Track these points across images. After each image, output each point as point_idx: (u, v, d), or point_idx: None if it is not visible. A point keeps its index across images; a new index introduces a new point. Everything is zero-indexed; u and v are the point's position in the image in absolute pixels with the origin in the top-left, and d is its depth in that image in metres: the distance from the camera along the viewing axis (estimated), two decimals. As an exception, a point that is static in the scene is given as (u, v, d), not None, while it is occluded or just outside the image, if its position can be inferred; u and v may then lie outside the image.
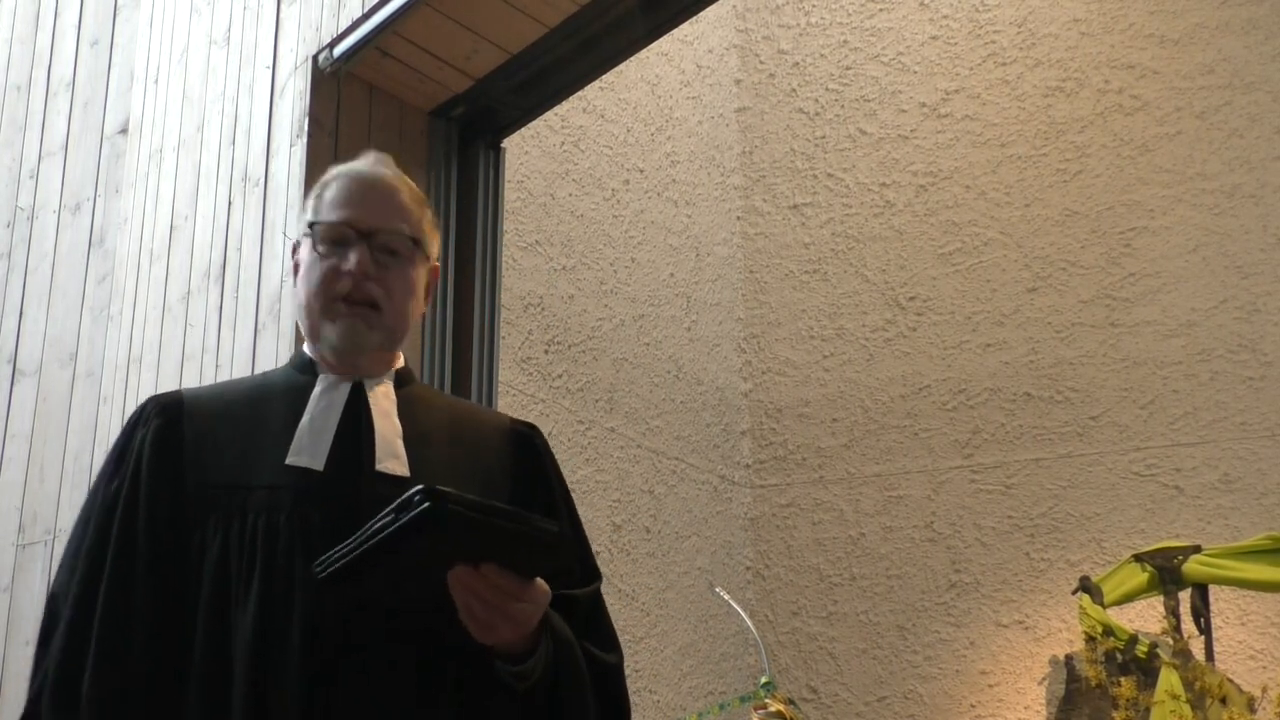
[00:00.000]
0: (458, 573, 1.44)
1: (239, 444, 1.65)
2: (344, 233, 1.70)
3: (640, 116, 5.46)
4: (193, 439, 1.65)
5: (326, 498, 1.60)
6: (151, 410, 1.69)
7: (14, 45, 4.59)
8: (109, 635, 1.55)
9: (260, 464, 1.63)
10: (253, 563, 1.56)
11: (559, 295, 4.91)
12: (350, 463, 1.64)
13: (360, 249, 1.69)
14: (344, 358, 1.71)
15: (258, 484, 1.61)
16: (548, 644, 1.57)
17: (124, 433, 1.69)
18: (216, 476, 1.62)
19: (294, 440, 1.64)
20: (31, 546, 3.81)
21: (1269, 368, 4.91)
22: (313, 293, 1.70)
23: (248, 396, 1.74)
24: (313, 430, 1.65)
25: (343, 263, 1.68)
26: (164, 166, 3.85)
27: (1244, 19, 5.25)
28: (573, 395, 4.87)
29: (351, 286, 1.68)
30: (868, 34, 5.80)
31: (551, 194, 4.98)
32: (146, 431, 1.66)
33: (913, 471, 5.33)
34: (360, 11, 3.35)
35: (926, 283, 5.48)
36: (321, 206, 1.74)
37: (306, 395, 1.69)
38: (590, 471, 4.84)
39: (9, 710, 3.64)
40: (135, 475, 1.63)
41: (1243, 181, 5.12)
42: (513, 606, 1.47)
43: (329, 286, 1.69)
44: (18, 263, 4.27)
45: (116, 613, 1.56)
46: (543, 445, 1.84)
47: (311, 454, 1.63)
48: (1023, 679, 4.96)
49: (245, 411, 1.69)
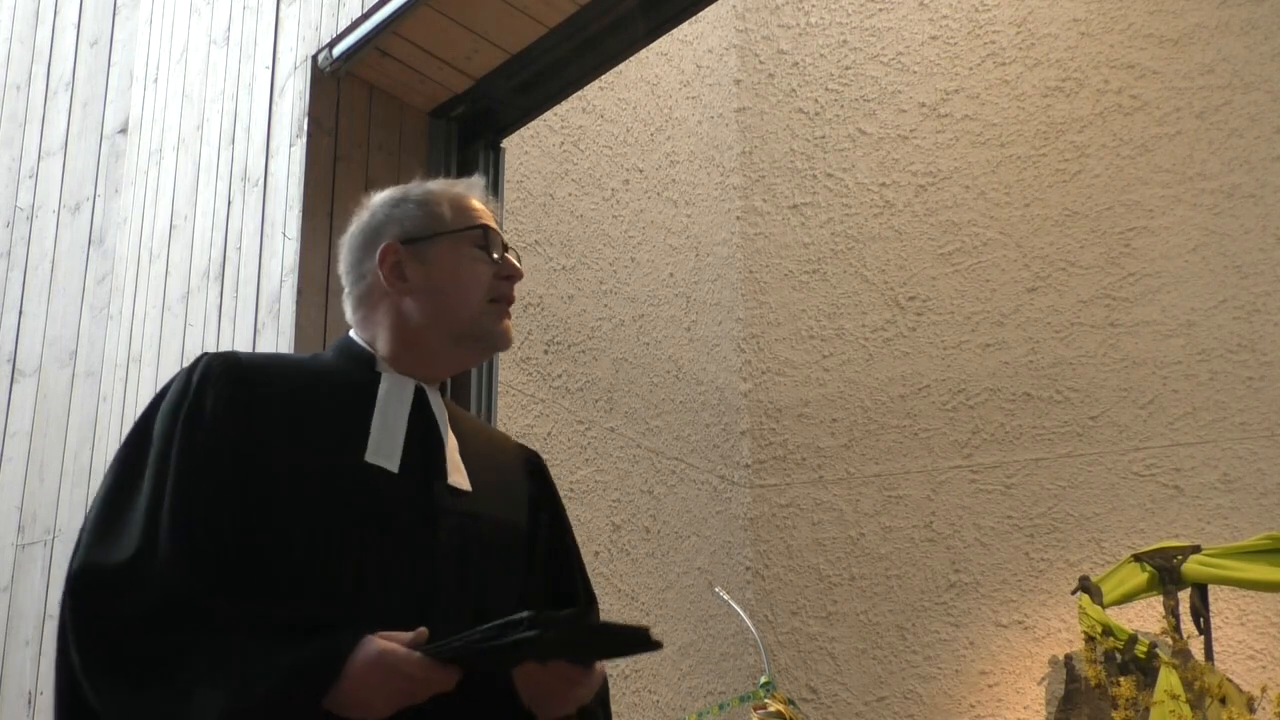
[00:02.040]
0: (529, 669, 1.57)
1: (308, 429, 1.66)
2: (499, 242, 1.81)
3: (640, 116, 5.46)
4: (259, 411, 1.64)
5: (403, 503, 1.64)
6: (219, 368, 1.67)
7: (13, 44, 4.59)
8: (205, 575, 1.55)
9: (337, 455, 1.64)
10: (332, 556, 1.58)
11: (558, 295, 4.91)
12: (418, 468, 1.68)
13: (510, 256, 1.80)
14: (487, 356, 1.89)
15: (339, 476, 1.62)
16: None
17: (190, 388, 1.65)
18: (292, 461, 1.62)
19: (371, 439, 1.66)
20: (31, 546, 3.81)
21: (1268, 367, 4.92)
22: (479, 294, 1.77)
23: (307, 378, 1.74)
24: (388, 431, 1.68)
25: (503, 269, 1.78)
26: (164, 166, 3.85)
27: (1244, 19, 5.25)
28: (572, 395, 4.87)
29: (511, 290, 1.80)
30: (867, 34, 5.80)
31: (551, 194, 4.98)
32: (217, 388, 1.64)
33: (912, 471, 5.33)
34: (360, 11, 3.35)
35: (926, 283, 5.48)
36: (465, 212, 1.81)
37: (368, 390, 1.71)
38: (590, 471, 4.84)
39: (9, 710, 3.64)
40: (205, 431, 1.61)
41: (1242, 181, 5.12)
42: (573, 693, 1.61)
43: (496, 287, 1.78)
44: (17, 261, 4.27)
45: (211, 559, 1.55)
46: (547, 471, 1.92)
47: (389, 455, 1.66)
48: (1022, 679, 4.96)
49: (307, 394, 1.70)
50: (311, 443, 1.64)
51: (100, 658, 1.51)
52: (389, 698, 1.49)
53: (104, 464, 3.69)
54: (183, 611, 1.50)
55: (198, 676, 1.48)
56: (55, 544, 3.73)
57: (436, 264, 1.77)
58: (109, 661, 1.51)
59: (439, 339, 1.76)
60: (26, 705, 3.59)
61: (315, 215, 3.33)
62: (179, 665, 1.49)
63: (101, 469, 3.69)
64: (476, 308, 1.76)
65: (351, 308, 1.84)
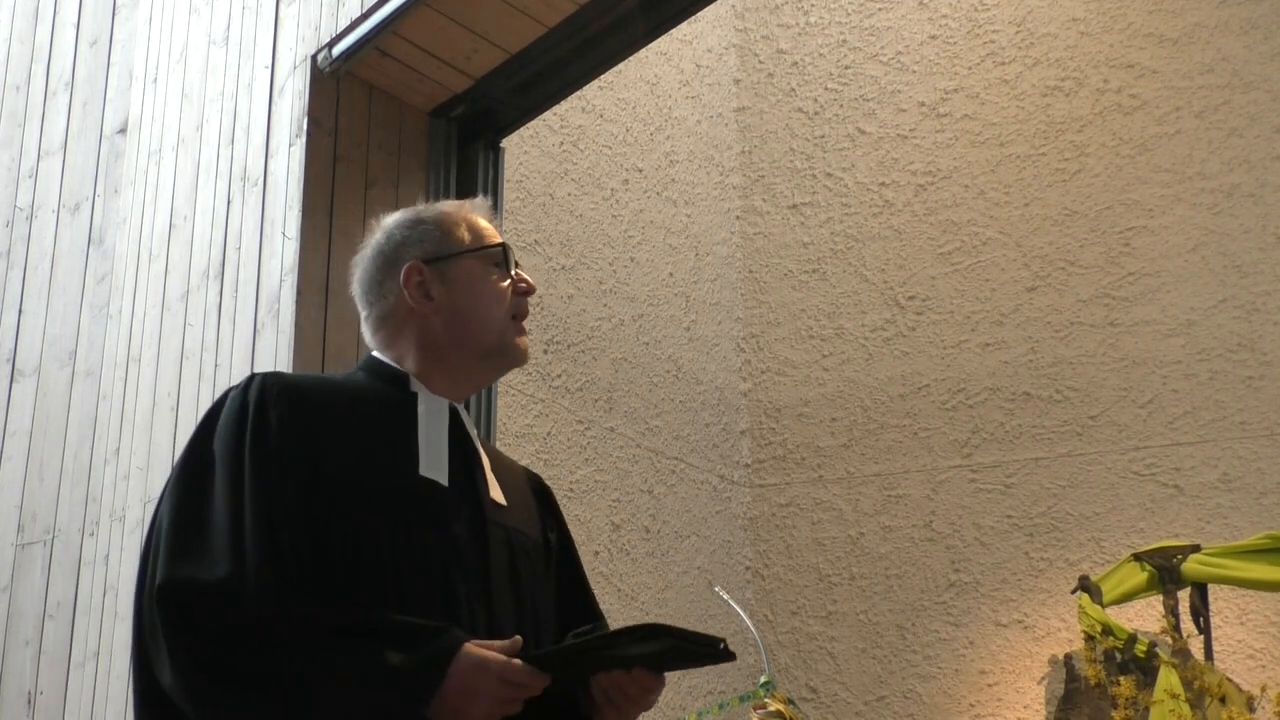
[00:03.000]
0: (614, 675, 1.63)
1: (360, 446, 1.71)
2: (513, 260, 1.87)
3: (639, 116, 5.46)
4: (318, 427, 1.70)
5: (456, 513, 1.70)
6: (275, 388, 1.71)
7: (13, 44, 4.59)
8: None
9: (391, 471, 1.69)
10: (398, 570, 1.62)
11: (558, 295, 4.91)
12: (465, 483, 1.74)
13: (525, 275, 1.88)
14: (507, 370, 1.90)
15: (399, 491, 1.67)
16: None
17: (246, 407, 1.69)
18: (351, 477, 1.67)
19: (422, 453, 1.71)
20: (31, 546, 3.81)
21: (1268, 367, 4.91)
22: (501, 312, 1.83)
23: (349, 397, 1.79)
24: (435, 447, 1.73)
25: (519, 286, 1.85)
26: (163, 165, 3.85)
27: (1243, 19, 5.25)
28: (572, 395, 4.87)
29: (527, 307, 1.87)
30: (866, 33, 5.79)
31: (550, 194, 4.98)
32: (277, 410, 1.68)
33: (912, 471, 5.33)
34: (359, 11, 3.35)
35: (925, 282, 5.48)
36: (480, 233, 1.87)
37: (406, 408, 1.76)
38: (589, 471, 4.84)
39: (9, 710, 3.63)
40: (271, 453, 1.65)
41: (1242, 181, 5.12)
42: (646, 698, 1.68)
43: (515, 307, 1.85)
44: (17, 261, 4.27)
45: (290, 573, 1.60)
46: (553, 495, 1.99)
47: (437, 468, 1.71)
48: (1022, 678, 4.96)
49: (354, 412, 1.75)
50: (369, 458, 1.69)
51: (204, 669, 1.54)
52: (490, 704, 1.54)
53: (103, 463, 3.68)
54: (284, 622, 1.54)
55: (306, 682, 1.52)
56: (55, 543, 3.73)
57: (459, 283, 1.82)
58: (215, 673, 1.54)
59: (464, 356, 1.82)
60: (26, 705, 3.59)
61: (315, 215, 3.33)
62: (287, 673, 1.52)
63: (101, 468, 3.69)
64: (500, 324, 1.82)
65: (372, 328, 1.87)
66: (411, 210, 1.90)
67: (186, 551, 1.59)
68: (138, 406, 3.62)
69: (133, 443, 3.57)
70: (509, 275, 1.85)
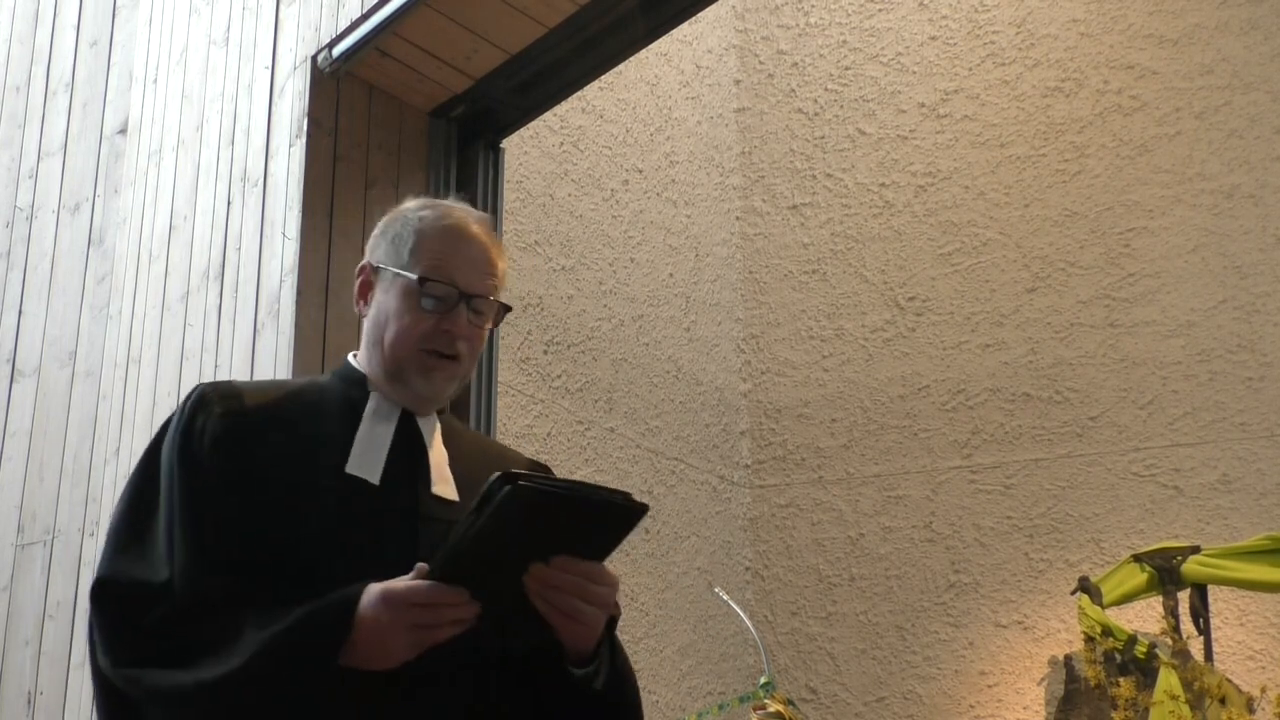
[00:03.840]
0: (534, 573, 1.51)
1: (297, 446, 1.71)
2: (450, 294, 1.76)
3: (639, 117, 5.46)
4: (252, 433, 1.70)
5: (385, 510, 1.67)
6: (212, 398, 1.73)
7: (13, 44, 4.59)
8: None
9: (320, 469, 1.69)
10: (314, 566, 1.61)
11: (558, 295, 4.91)
12: (403, 480, 1.71)
13: (461, 311, 1.76)
14: (423, 406, 1.78)
15: (320, 487, 1.67)
16: (608, 646, 1.67)
17: (183, 417, 1.72)
18: (278, 475, 1.67)
19: (353, 451, 1.70)
20: (31, 546, 3.81)
21: (1268, 368, 4.91)
22: (408, 341, 1.75)
23: (302, 400, 1.79)
24: (371, 444, 1.72)
25: (443, 322, 1.75)
26: (163, 166, 3.85)
27: (1243, 19, 5.25)
28: (572, 395, 4.87)
29: (448, 345, 1.76)
30: (867, 34, 5.80)
31: (550, 194, 4.98)
32: (207, 420, 1.70)
33: (912, 472, 5.33)
34: (359, 11, 3.35)
35: (926, 283, 5.48)
36: (421, 254, 1.78)
37: (358, 408, 1.76)
38: (589, 472, 4.84)
39: (9, 710, 3.64)
40: (202, 461, 1.68)
41: (1242, 182, 5.12)
42: (591, 590, 1.54)
43: (427, 340, 1.75)
44: (17, 261, 4.27)
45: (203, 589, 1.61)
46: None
47: (370, 467, 1.69)
48: (1022, 679, 4.96)
49: (298, 414, 1.75)
50: (297, 458, 1.69)
51: (132, 654, 1.58)
52: (405, 633, 1.49)
53: (103, 463, 3.69)
54: (206, 608, 1.58)
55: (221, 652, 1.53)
56: (55, 543, 3.73)
57: (386, 295, 1.79)
58: (140, 656, 1.58)
59: (377, 369, 1.79)
60: (26, 705, 3.59)
61: (315, 215, 3.33)
62: (205, 644, 1.54)
63: (101, 468, 3.69)
64: (406, 351, 1.76)
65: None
66: (412, 203, 1.87)
67: (124, 551, 1.65)
68: (138, 407, 3.62)
69: (133, 443, 3.57)
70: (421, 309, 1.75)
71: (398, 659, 1.51)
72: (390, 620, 1.49)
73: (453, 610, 1.50)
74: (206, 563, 1.61)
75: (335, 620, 1.51)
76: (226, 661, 1.51)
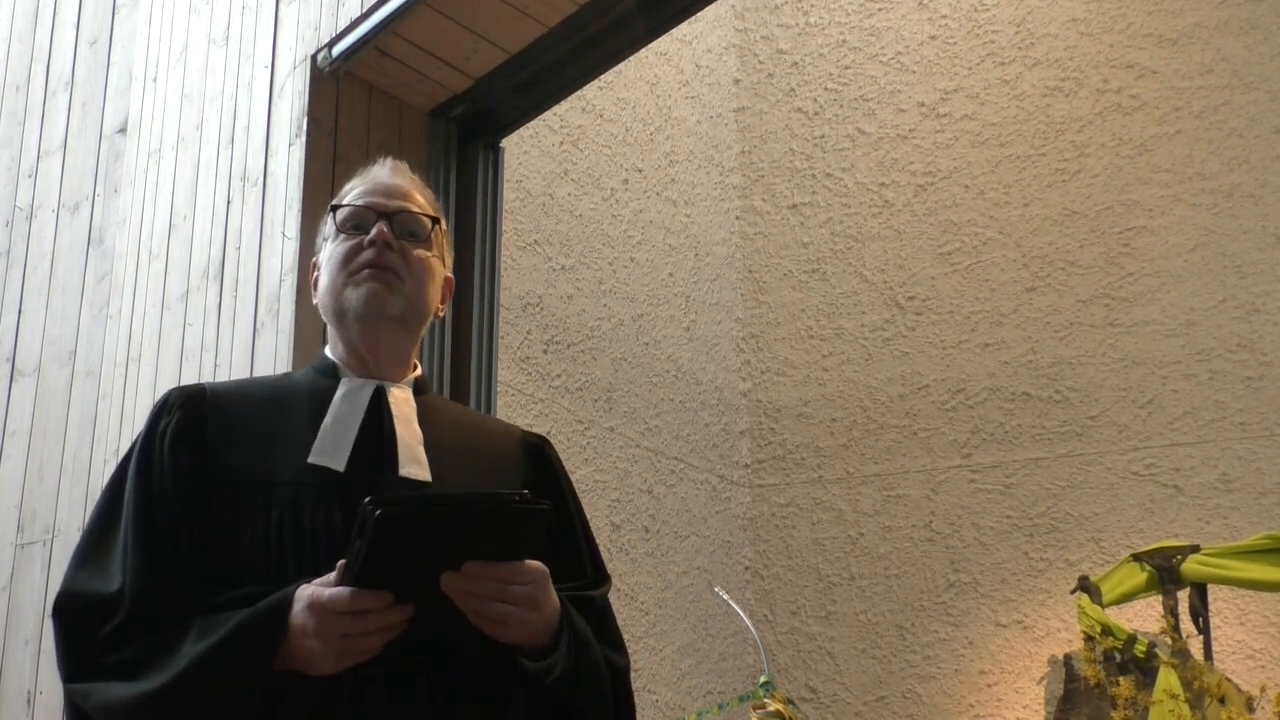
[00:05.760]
0: (448, 582, 1.47)
1: (261, 440, 1.69)
2: (365, 215, 1.77)
3: (639, 116, 5.46)
4: (215, 431, 1.69)
5: (348, 498, 1.61)
6: (175, 401, 1.72)
7: (13, 43, 4.59)
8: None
9: (283, 461, 1.66)
10: (282, 560, 1.59)
11: (558, 295, 4.91)
12: (371, 465, 1.68)
13: (382, 225, 1.75)
14: (367, 326, 1.74)
15: (280, 480, 1.64)
16: (569, 639, 1.61)
17: (149, 422, 1.72)
18: (239, 471, 1.66)
19: (317, 440, 1.68)
20: (30, 546, 3.81)
21: (1268, 367, 4.92)
22: (336, 269, 1.75)
23: (270, 394, 1.78)
24: (335, 432, 1.69)
25: (365, 241, 1.75)
26: (163, 165, 3.85)
27: (1243, 19, 5.25)
28: (572, 395, 4.87)
29: (375, 255, 1.73)
30: (866, 34, 5.80)
31: (550, 194, 4.98)
32: (169, 421, 1.69)
33: (911, 471, 5.34)
34: (359, 11, 3.35)
35: (925, 282, 5.49)
36: (342, 200, 1.81)
37: (328, 397, 1.73)
38: (589, 471, 4.84)
39: (9, 710, 3.64)
40: (159, 464, 1.67)
41: (1242, 181, 5.12)
42: (511, 592, 1.49)
43: (351, 259, 1.75)
44: (17, 261, 4.27)
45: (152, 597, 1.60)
46: (553, 456, 1.88)
47: (333, 455, 1.67)
48: (1021, 679, 4.96)
49: (267, 409, 1.74)
50: (259, 454, 1.67)
51: (82, 670, 1.57)
52: (332, 641, 1.46)
53: (104, 462, 3.69)
54: (155, 619, 1.56)
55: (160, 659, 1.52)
56: (55, 543, 3.73)
57: (324, 259, 1.81)
58: (91, 670, 1.57)
59: (336, 330, 1.78)
60: (26, 704, 3.59)
61: (315, 215, 3.32)
62: (149, 657, 1.53)
63: (101, 467, 3.69)
64: (338, 280, 1.75)
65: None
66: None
67: (85, 563, 1.65)
68: (138, 406, 3.62)
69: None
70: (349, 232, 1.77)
71: (330, 667, 1.48)
72: (317, 628, 1.46)
73: (378, 618, 1.46)
74: (157, 571, 1.59)
75: (267, 630, 1.48)
76: (164, 674, 1.50)
